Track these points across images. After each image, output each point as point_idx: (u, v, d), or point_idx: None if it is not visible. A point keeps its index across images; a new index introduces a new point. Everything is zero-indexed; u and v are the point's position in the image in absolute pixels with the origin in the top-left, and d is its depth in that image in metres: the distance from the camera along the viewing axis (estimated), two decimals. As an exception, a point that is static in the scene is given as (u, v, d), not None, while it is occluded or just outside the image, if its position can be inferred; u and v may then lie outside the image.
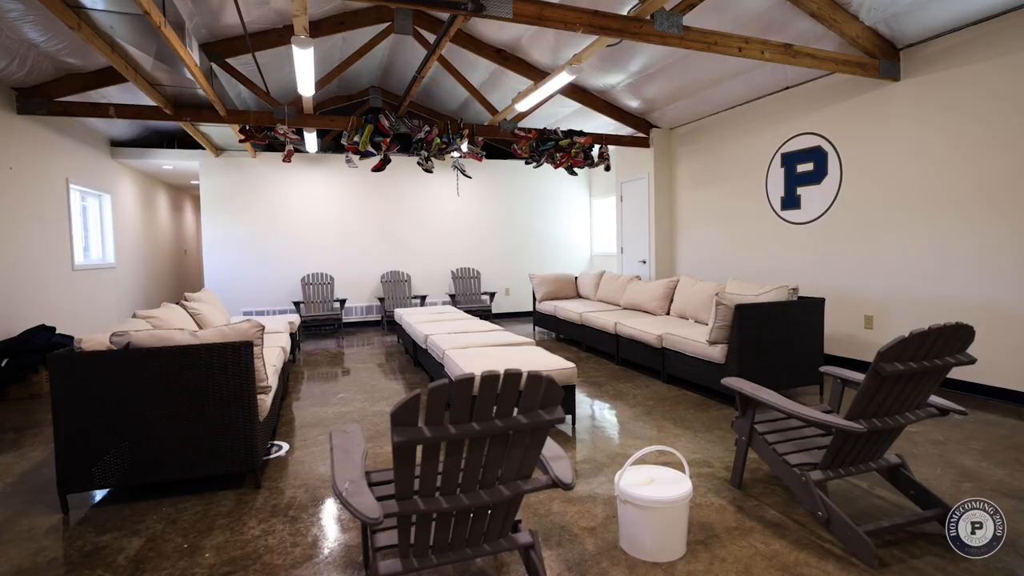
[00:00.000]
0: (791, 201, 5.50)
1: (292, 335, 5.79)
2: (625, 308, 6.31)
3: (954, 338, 1.99)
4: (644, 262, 7.64)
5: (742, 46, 3.88)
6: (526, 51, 6.27)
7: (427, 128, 6.17)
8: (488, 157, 9.14)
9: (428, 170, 6.50)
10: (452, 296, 8.35)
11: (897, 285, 4.55)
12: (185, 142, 7.56)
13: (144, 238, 8.22)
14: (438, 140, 6.22)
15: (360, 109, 8.65)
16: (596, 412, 3.93)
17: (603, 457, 3.08)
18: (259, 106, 7.26)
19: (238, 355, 2.69)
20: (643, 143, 7.38)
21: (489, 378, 1.43)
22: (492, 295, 8.66)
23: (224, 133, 6.62)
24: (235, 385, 2.70)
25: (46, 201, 5.41)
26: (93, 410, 2.54)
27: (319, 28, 5.69)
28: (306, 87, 4.75)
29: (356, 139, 5.85)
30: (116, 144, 7.18)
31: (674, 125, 7.20)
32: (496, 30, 5.94)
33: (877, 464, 2.31)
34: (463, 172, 6.76)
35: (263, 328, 2.89)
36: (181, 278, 10.45)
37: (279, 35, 5.55)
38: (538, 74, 6.60)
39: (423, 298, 8.40)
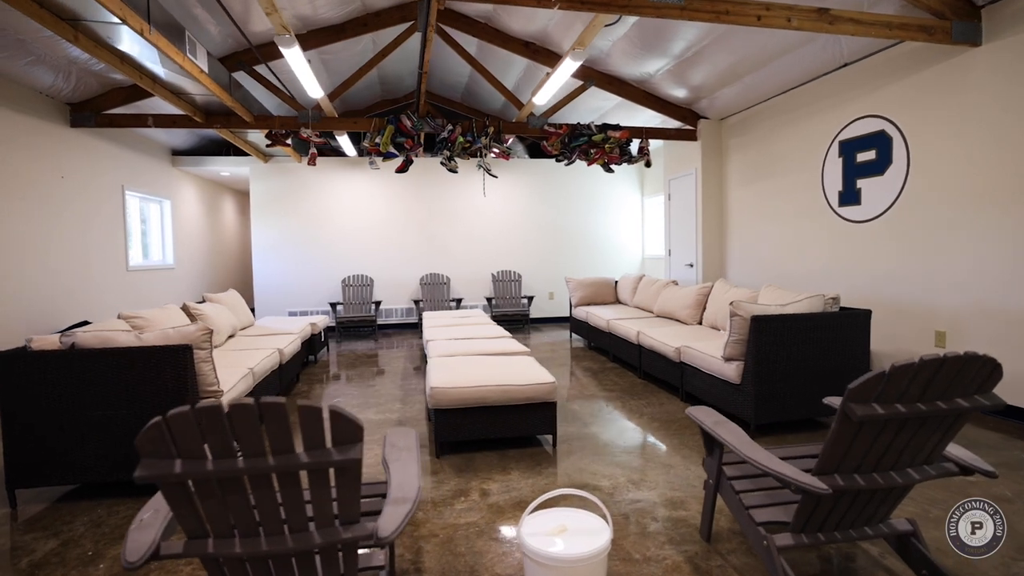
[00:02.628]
0: (850, 196, 4.72)
1: (315, 336, 5.85)
2: (658, 316, 5.77)
3: (966, 374, 1.46)
4: (691, 266, 6.99)
5: (762, 14, 3.32)
6: (555, 42, 5.93)
7: (450, 127, 6.01)
8: (532, 156, 8.86)
9: (452, 170, 6.35)
10: (489, 300, 8.15)
11: (976, 297, 3.72)
12: (240, 150, 7.96)
13: (206, 240, 8.78)
14: (461, 139, 6.04)
15: (407, 110, 8.69)
16: (591, 431, 3.53)
17: (565, 486, 2.70)
18: (288, 111, 7.48)
19: (177, 358, 2.63)
20: (689, 136, 6.76)
21: (239, 408, 1.17)
22: (530, 299, 8.36)
23: (262, 139, 6.86)
24: (174, 388, 2.64)
25: (101, 207, 5.85)
26: (40, 408, 2.57)
27: (343, 31, 5.71)
28: (312, 87, 4.74)
29: (377, 140, 5.81)
30: (177, 153, 7.70)
31: (724, 115, 6.52)
32: (523, 22, 5.66)
33: (876, 531, 1.79)
34: (489, 172, 6.53)
35: (210, 332, 2.82)
36: (248, 278, 11.11)
37: (303, 40, 5.61)
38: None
39: (459, 301, 8.27)
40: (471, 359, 3.69)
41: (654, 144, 8.29)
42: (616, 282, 7.31)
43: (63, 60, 4.52)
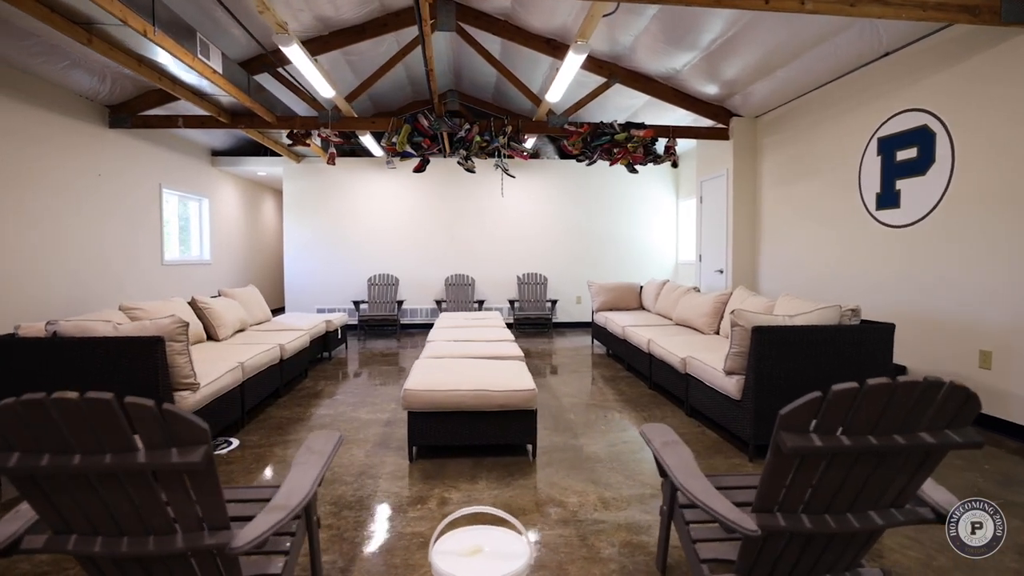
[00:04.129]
0: (888, 198, 4.29)
1: (330, 333, 5.91)
2: (676, 324, 5.48)
3: (928, 404, 1.21)
4: (721, 272, 6.62)
5: (771, -3, 3.04)
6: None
7: (467, 126, 5.94)
8: (562, 156, 8.68)
9: (469, 170, 6.28)
10: (511, 302, 8.02)
11: (1028, 311, 3.27)
12: (275, 151, 8.22)
13: (243, 237, 9.13)
14: (478, 138, 5.97)
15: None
16: (578, 443, 3.34)
17: (526, 502, 2.54)
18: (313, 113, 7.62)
19: (148, 350, 2.67)
20: (721, 135, 6.41)
21: (61, 402, 1.10)
22: (554, 303, 8.17)
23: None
24: (146, 379, 2.68)
25: (138, 204, 6.16)
26: (25, 392, 2.67)
27: (363, 31, 5.77)
28: (322, 86, 4.78)
29: (394, 140, 5.83)
30: (216, 153, 8.03)
31: (759, 112, 6.13)
32: (543, 18, 5.54)
33: (840, 578, 1.54)
34: (506, 172, 6.42)
35: (186, 325, 2.85)
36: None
37: (324, 42, 5.71)
38: (594, 62, 6.06)
39: (481, 303, 8.20)
40: (458, 361, 3.59)
41: (686, 144, 7.95)
42: (641, 287, 7.03)
43: (97, 64, 4.77)
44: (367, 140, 6.76)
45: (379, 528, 2.30)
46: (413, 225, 8.48)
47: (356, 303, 7.83)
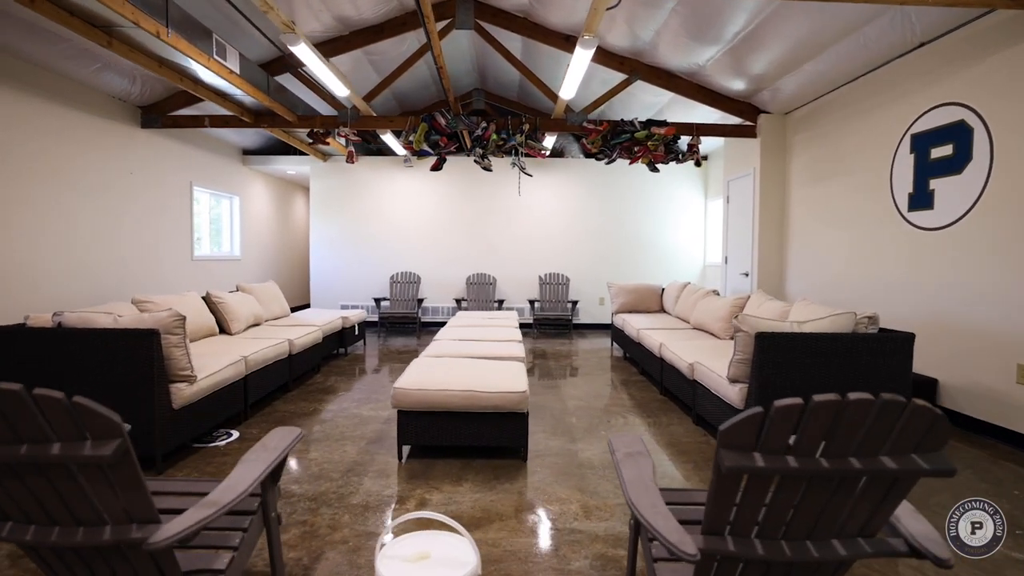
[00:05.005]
0: (921, 198, 4.01)
1: (346, 329, 5.99)
2: (693, 328, 5.29)
3: (887, 425, 1.09)
4: (746, 275, 6.36)
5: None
6: (600, 36, 5.65)
7: (484, 125, 5.91)
8: (587, 155, 8.54)
9: (486, 168, 6.24)
10: (531, 302, 7.95)
11: (1071, 323, 2.98)
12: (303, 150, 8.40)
13: (273, 234, 9.37)
14: (495, 137, 5.92)
15: (464, 111, 8.73)
16: (574, 448, 3.25)
17: (505, 507, 2.48)
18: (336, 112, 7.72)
19: (144, 342, 2.74)
20: (748, 133, 6.15)
21: None
22: (574, 304, 8.04)
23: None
24: (142, 370, 2.75)
25: (169, 201, 6.40)
26: (33, 382, 2.78)
27: (381, 31, 5.82)
28: (335, 85, 4.83)
29: (411, 138, 5.85)
30: (247, 152, 8.28)
31: (789, 108, 5.85)
32: (561, 15, 5.46)
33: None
34: (523, 170, 6.35)
35: (182, 319, 2.91)
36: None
37: (346, 42, 5.78)
38: (614, 58, 5.93)
39: (500, 302, 8.16)
40: (456, 361, 3.55)
41: (714, 143, 7.69)
42: (663, 289, 6.84)
43: (127, 66, 4.97)
44: (389, 139, 6.82)
45: (351, 527, 2.28)
46: (436, 224, 8.52)
47: (377, 300, 7.92)
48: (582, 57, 4.15)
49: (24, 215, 4.43)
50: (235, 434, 3.42)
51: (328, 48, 5.74)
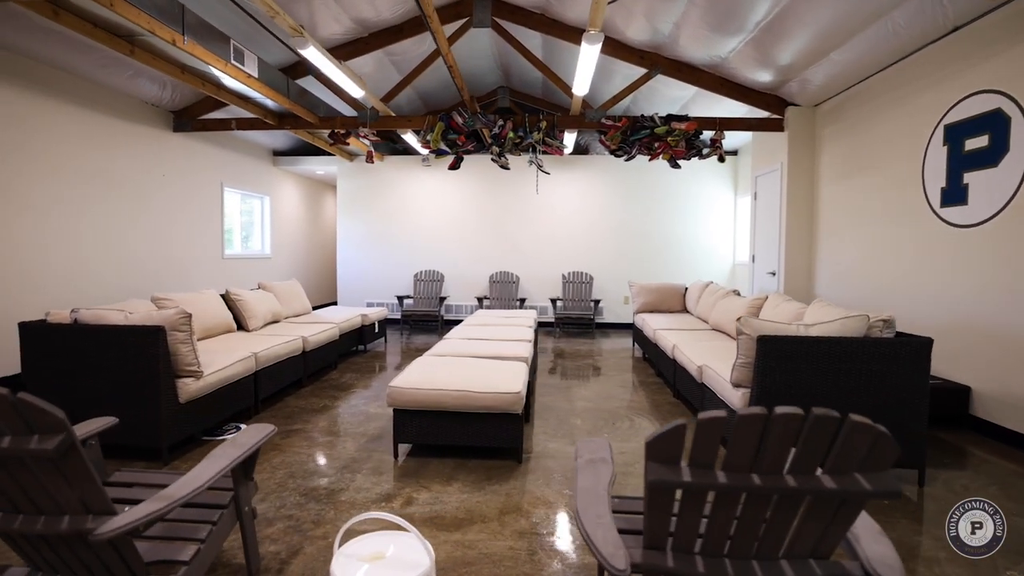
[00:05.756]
0: (955, 193, 3.75)
1: (365, 327, 6.09)
2: (712, 329, 5.13)
3: (820, 441, 1.01)
4: (773, 274, 6.12)
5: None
6: (619, 31, 5.55)
7: (500, 123, 5.89)
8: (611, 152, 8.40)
9: (504, 167, 6.22)
10: (553, 301, 7.88)
11: (1115, 329, 2.73)
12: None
13: (303, 233, 9.63)
14: (512, 135, 5.89)
15: (489, 109, 8.74)
16: (571, 453, 3.20)
17: (490, 509, 2.46)
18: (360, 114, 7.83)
19: (150, 338, 2.85)
20: (775, 126, 5.91)
21: None
22: (596, 303, 7.94)
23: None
24: (148, 365, 2.86)
25: (200, 202, 6.67)
26: (52, 375, 2.95)
27: (400, 31, 5.87)
28: (349, 86, 4.91)
29: (428, 137, 5.89)
30: (278, 153, 8.53)
31: (818, 100, 5.59)
32: (578, 10, 5.38)
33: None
34: (540, 168, 6.29)
35: (188, 316, 3.02)
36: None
37: (365, 43, 5.87)
38: (633, 53, 5.80)
39: (522, 301, 8.13)
40: (457, 360, 3.55)
41: (743, 137, 7.44)
42: (686, 289, 6.66)
43: (157, 72, 5.18)
44: (410, 138, 6.88)
45: (334, 523, 2.31)
46: (460, 222, 8.56)
47: (400, 298, 8.03)
48: (589, 53, 4.08)
49: (62, 216, 4.70)
50: (243, 427, 3.52)
51: (349, 50, 5.84)
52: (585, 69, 4.51)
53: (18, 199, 4.31)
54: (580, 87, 5.05)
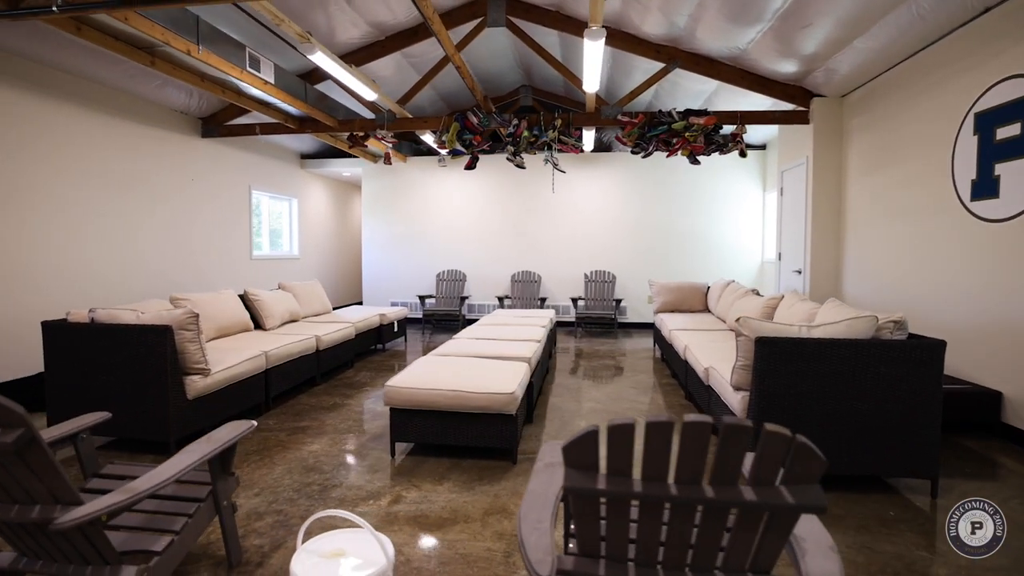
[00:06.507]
0: (986, 186, 3.52)
1: (384, 326, 6.19)
2: (730, 329, 4.98)
3: (735, 452, 0.97)
4: (799, 272, 5.89)
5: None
6: (635, 25, 5.47)
7: (515, 122, 5.88)
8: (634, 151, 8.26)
9: (519, 166, 6.20)
10: (575, 300, 7.81)
11: None
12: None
13: (331, 234, 9.86)
14: (527, 134, 5.87)
15: (512, 108, 8.74)
16: (565, 453, 3.17)
17: (475, 510, 2.46)
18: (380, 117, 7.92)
19: (157, 337, 2.98)
20: (800, 119, 5.68)
21: None
22: (618, 302, 7.82)
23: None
24: (156, 363, 2.99)
25: (229, 205, 6.92)
26: (74, 372, 3.12)
27: (415, 34, 5.93)
28: (361, 89, 4.99)
29: (443, 138, 5.94)
30: (305, 156, 8.77)
31: (845, 90, 5.34)
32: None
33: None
34: (556, 166, 6.24)
35: (196, 316, 3.14)
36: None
37: (382, 46, 5.97)
38: (650, 47, 5.69)
39: (543, 300, 8.09)
40: (459, 360, 3.57)
41: (770, 131, 7.19)
42: (708, 288, 6.49)
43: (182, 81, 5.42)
44: (428, 139, 6.95)
45: (319, 520, 2.36)
46: (482, 222, 8.60)
47: (421, 297, 8.12)
48: (592, 48, 4.01)
49: (98, 221, 4.96)
50: (254, 424, 3.63)
51: (367, 53, 5.95)
52: (592, 65, 4.45)
53: (55, 204, 4.56)
54: (590, 84, 4.98)
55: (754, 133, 7.76)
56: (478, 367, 3.37)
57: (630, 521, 1.10)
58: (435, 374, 3.18)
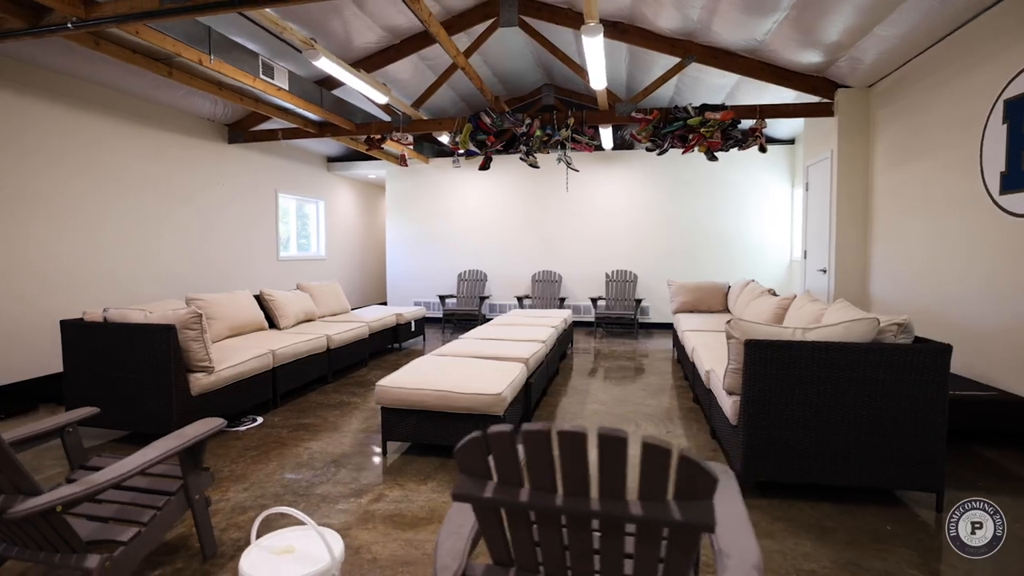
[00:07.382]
0: (1016, 178, 3.27)
1: (400, 326, 6.28)
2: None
3: (616, 464, 0.93)
4: (824, 271, 5.64)
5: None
6: (648, 20, 5.36)
7: (528, 121, 5.85)
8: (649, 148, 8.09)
9: (533, 165, 6.17)
10: (594, 300, 7.72)
11: None
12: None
13: (357, 235, 10.06)
14: (539, 133, 5.84)
15: (534, 108, 8.72)
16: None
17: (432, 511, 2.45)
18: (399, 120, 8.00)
19: (161, 336, 3.11)
20: (824, 111, 5.43)
21: None
22: (638, 302, 7.67)
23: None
24: (160, 360, 3.13)
25: (256, 207, 7.17)
26: (89, 368, 3.30)
27: (427, 37, 5.99)
28: (371, 93, 5.07)
29: (457, 139, 5.97)
30: (332, 160, 8.99)
31: (871, 80, 5.07)
32: (605, 2, 5.23)
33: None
34: (569, 165, 6.17)
35: (199, 316, 3.26)
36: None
37: (397, 50, 6.05)
38: (664, 42, 5.56)
39: (562, 300, 8.02)
40: (455, 360, 3.59)
41: (797, 125, 6.90)
42: (729, 287, 6.30)
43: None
44: (445, 140, 7.01)
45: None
46: (503, 222, 8.61)
47: (441, 297, 8.20)
48: (591, 45, 3.95)
49: (130, 224, 5.22)
50: (259, 420, 3.76)
51: (383, 57, 6.04)
52: (595, 62, 4.39)
53: (93, 210, 4.83)
54: (597, 80, 4.91)
55: (781, 127, 7.48)
56: (472, 367, 3.37)
57: (531, 531, 1.08)
58: (426, 374, 3.21)
